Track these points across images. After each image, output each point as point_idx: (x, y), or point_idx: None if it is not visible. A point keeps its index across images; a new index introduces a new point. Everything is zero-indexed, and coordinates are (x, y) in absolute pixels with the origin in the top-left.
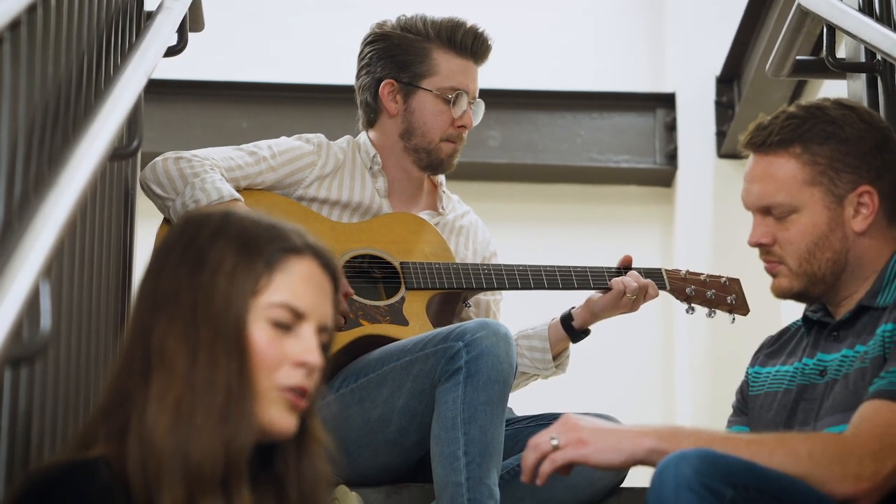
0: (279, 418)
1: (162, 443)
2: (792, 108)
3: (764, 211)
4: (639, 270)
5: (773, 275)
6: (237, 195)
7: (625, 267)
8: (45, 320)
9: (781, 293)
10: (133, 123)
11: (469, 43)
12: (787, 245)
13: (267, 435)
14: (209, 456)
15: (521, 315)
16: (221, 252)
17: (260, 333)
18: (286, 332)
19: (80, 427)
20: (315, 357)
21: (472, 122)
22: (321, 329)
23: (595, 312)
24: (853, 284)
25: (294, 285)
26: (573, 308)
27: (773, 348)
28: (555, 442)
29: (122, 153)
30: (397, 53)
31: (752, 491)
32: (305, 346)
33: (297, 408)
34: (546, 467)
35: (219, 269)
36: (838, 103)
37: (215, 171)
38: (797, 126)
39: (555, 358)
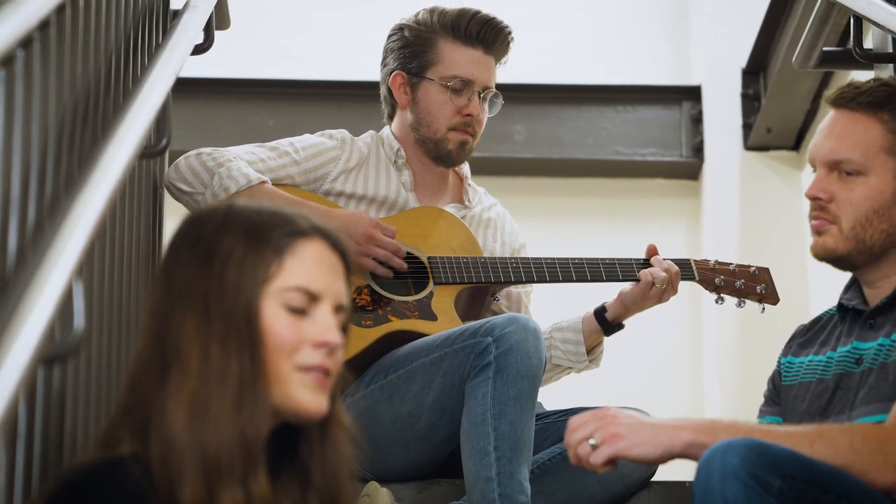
0: (309, 400)
1: (179, 438)
2: (885, 78)
3: (831, 166)
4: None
5: (820, 233)
6: (264, 178)
7: (652, 256)
8: (79, 320)
9: (825, 253)
10: (162, 122)
11: (476, 31)
12: (847, 205)
13: (300, 418)
14: (225, 446)
15: (549, 309)
16: (229, 244)
17: (276, 319)
18: (303, 316)
19: (103, 427)
20: (335, 336)
21: (479, 113)
22: (337, 308)
23: (626, 304)
24: (895, 265)
25: (306, 268)
26: (606, 302)
27: (806, 337)
28: (592, 442)
29: (151, 152)
30: (407, 45)
31: (798, 481)
32: (324, 326)
33: (324, 386)
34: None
35: (228, 260)
36: None
37: (239, 160)
38: (890, 94)
39: (589, 352)
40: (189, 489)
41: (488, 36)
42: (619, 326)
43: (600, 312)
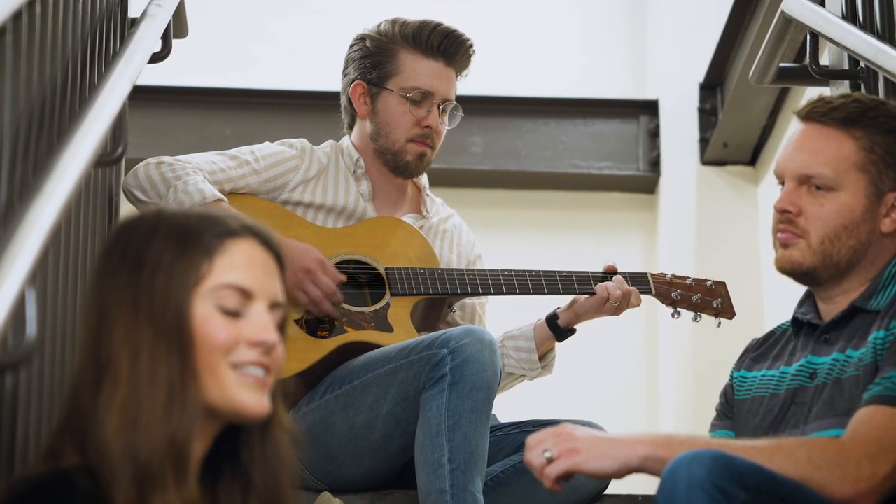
0: (249, 399)
1: (112, 446)
2: (856, 94)
3: (801, 179)
4: (624, 275)
5: (787, 246)
6: (220, 195)
7: (610, 273)
8: (31, 327)
9: (791, 267)
10: (118, 130)
11: (436, 43)
12: (817, 220)
13: (242, 418)
14: (155, 452)
15: (505, 319)
16: (158, 250)
17: (210, 321)
18: (238, 317)
19: (47, 439)
20: (271, 335)
21: (438, 125)
22: (273, 306)
23: (579, 314)
24: (856, 281)
25: (237, 266)
26: (558, 308)
27: (759, 352)
28: (548, 454)
29: (107, 160)
30: (368, 55)
31: (762, 494)
32: (259, 325)
33: (263, 386)
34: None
35: (157, 267)
36: None
37: (198, 173)
38: (863, 111)
39: (541, 358)
40: (122, 497)
41: (449, 48)
42: (571, 332)
43: (552, 319)
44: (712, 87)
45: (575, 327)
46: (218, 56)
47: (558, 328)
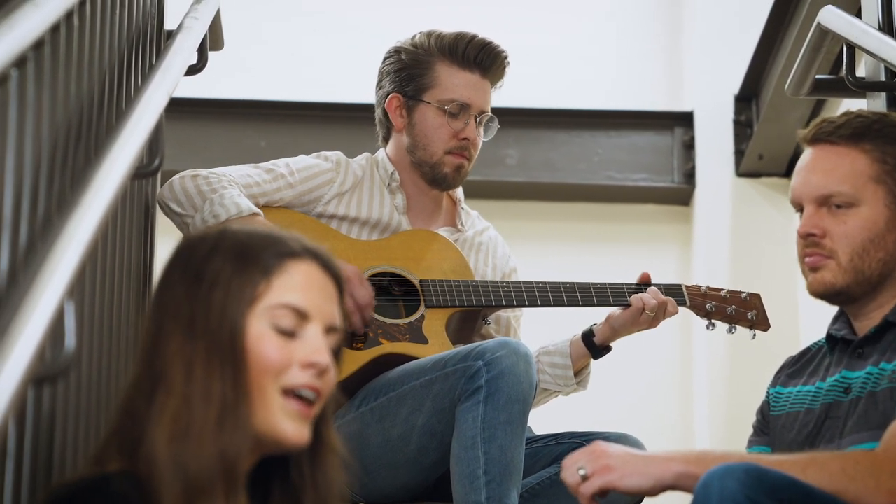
0: (289, 429)
1: (161, 457)
2: (856, 110)
3: (820, 201)
4: (658, 287)
5: (816, 269)
6: (256, 209)
7: (644, 284)
8: (70, 340)
9: (823, 289)
10: (154, 143)
11: (473, 55)
12: (842, 238)
13: (281, 446)
14: (206, 466)
15: (539, 332)
16: (218, 266)
17: (264, 340)
18: (293, 337)
19: (95, 446)
20: (324, 357)
21: (475, 136)
22: (329, 329)
23: (615, 328)
24: (889, 293)
25: (294, 287)
26: (594, 325)
27: (795, 368)
28: (582, 472)
29: (144, 172)
30: (403, 68)
31: None
32: (313, 346)
33: (306, 417)
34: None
35: (216, 282)
36: None
37: (233, 186)
38: (868, 124)
39: (576, 374)
40: None
41: (485, 60)
42: (607, 349)
43: (588, 336)
44: (748, 98)
45: (611, 345)
46: (253, 69)
47: (594, 346)
